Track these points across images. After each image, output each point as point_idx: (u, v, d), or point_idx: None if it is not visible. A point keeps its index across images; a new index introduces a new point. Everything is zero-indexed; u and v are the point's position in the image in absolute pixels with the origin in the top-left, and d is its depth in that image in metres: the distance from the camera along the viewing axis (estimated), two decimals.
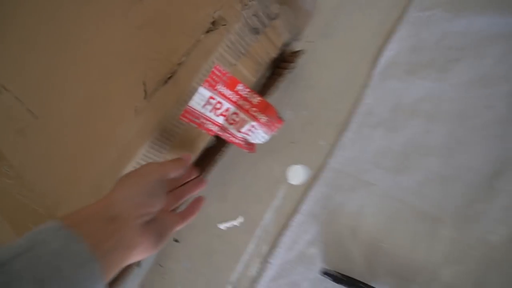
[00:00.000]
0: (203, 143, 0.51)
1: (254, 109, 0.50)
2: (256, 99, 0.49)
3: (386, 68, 0.57)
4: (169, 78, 0.45)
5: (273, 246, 0.56)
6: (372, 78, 0.57)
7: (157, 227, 0.33)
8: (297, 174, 0.57)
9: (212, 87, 0.46)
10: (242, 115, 0.50)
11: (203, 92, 0.45)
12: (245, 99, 0.49)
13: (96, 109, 0.47)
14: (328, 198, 0.55)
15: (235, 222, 0.58)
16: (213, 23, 0.45)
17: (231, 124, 0.50)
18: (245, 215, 0.58)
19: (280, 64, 0.57)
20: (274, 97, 0.61)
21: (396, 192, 0.53)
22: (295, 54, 0.55)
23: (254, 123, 0.50)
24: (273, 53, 0.51)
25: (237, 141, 0.50)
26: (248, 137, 0.50)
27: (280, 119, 0.49)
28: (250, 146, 0.52)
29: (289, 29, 0.50)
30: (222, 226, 0.59)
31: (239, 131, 0.50)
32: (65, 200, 0.46)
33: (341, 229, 0.54)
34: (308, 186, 0.57)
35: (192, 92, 0.44)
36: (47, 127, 0.49)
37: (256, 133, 0.50)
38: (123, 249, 0.28)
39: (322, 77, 0.60)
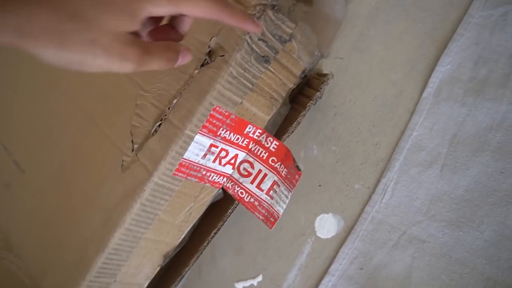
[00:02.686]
0: (208, 198, 0.42)
1: (273, 158, 0.39)
2: (273, 143, 0.39)
3: (441, 87, 0.44)
4: (159, 125, 0.37)
5: None
6: (422, 101, 0.45)
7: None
8: (327, 225, 0.47)
9: (212, 133, 0.37)
10: (258, 165, 0.40)
11: (201, 141, 0.36)
12: (259, 143, 0.40)
13: (80, 163, 0.40)
14: (367, 257, 0.44)
15: (254, 282, 0.49)
16: (209, 53, 0.36)
17: (243, 176, 0.40)
18: (265, 273, 0.49)
19: (304, 91, 0.47)
20: (296, 131, 0.50)
21: (457, 253, 0.40)
22: (321, 78, 0.44)
23: (276, 178, 0.39)
24: (291, 83, 0.40)
25: (253, 201, 0.39)
26: (271, 202, 0.39)
27: (298, 169, 0.39)
28: (270, 215, 0.39)
29: (310, 51, 0.40)
30: (240, 285, 0.50)
31: (259, 188, 0.39)
32: (50, 270, 0.40)
33: None
34: (340, 240, 0.46)
35: (187, 141, 0.36)
36: (32, 183, 0.43)
37: (279, 194, 0.39)
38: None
39: (357, 103, 0.48)
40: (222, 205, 0.45)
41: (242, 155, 0.40)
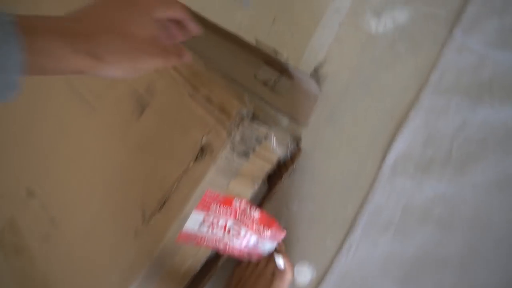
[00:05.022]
0: (204, 255, 0.52)
1: (256, 225, 0.50)
2: (256, 213, 0.50)
3: (397, 162, 0.52)
4: (164, 203, 0.47)
5: None
6: (381, 172, 0.53)
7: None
8: (302, 275, 0.56)
9: (206, 209, 0.47)
10: (244, 229, 0.50)
11: (197, 216, 0.47)
12: (244, 212, 0.50)
13: (101, 228, 0.51)
14: None
15: None
16: (201, 149, 0.46)
17: (233, 236, 0.51)
18: None
19: (285, 163, 0.56)
20: (281, 190, 0.60)
21: None
22: (295, 155, 0.53)
23: (257, 238, 0.51)
24: (268, 169, 0.50)
25: (239, 253, 0.51)
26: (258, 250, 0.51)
27: (282, 230, 0.50)
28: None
29: (283, 144, 0.49)
30: None
31: (243, 246, 0.51)
32: None
33: None
34: None
35: (185, 217, 0.46)
36: (66, 236, 0.54)
37: (263, 245, 0.51)
38: (60, 35, 0.27)
39: (329, 168, 0.57)
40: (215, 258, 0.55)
41: (230, 221, 0.50)
